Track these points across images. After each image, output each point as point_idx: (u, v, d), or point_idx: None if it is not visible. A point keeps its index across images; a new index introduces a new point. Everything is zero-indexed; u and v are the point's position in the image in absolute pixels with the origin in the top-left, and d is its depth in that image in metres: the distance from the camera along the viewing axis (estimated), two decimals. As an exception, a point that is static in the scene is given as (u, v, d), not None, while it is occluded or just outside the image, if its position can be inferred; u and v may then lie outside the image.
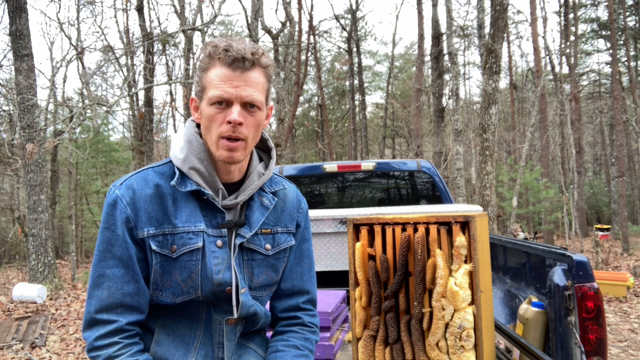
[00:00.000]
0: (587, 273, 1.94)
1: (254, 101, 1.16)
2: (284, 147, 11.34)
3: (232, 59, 1.13)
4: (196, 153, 1.21)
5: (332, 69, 27.20)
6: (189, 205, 1.20)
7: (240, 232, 1.23)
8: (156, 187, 1.19)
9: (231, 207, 1.24)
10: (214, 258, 1.19)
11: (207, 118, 1.17)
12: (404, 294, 1.58)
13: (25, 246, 10.49)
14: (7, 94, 12.91)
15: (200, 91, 1.19)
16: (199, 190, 1.20)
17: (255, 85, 1.16)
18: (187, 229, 1.18)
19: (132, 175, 1.23)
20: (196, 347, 1.21)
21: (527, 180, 13.90)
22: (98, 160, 16.55)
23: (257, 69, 1.17)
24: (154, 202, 1.18)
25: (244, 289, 1.23)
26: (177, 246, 1.17)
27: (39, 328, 6.05)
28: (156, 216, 1.17)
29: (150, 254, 1.17)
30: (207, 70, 1.17)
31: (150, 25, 16.46)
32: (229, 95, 1.14)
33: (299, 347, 1.30)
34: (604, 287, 7.20)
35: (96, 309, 1.14)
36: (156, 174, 1.22)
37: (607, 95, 21.23)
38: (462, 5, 48.21)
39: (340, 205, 4.08)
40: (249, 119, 1.17)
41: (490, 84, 7.31)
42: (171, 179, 1.21)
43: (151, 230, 1.17)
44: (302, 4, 16.61)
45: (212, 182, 1.22)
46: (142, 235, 1.16)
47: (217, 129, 1.16)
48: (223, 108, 1.15)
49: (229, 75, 1.14)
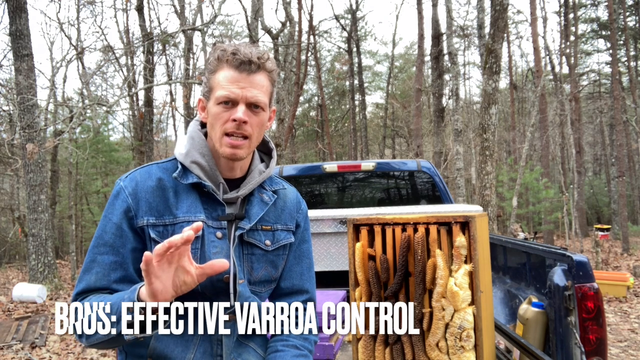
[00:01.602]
0: (587, 273, 1.94)
1: (258, 102, 1.22)
2: (284, 147, 11.34)
3: (240, 61, 1.20)
4: (198, 148, 1.28)
5: (332, 69, 27.20)
6: (190, 197, 1.25)
7: (239, 225, 1.28)
8: (159, 180, 1.25)
9: (232, 202, 1.29)
10: (213, 247, 1.23)
11: (213, 116, 1.23)
12: (404, 294, 1.58)
13: (25, 246, 10.49)
14: (7, 94, 12.90)
15: (208, 92, 1.26)
16: (199, 183, 1.25)
17: (260, 87, 1.23)
18: (187, 218, 1.22)
19: (137, 169, 1.29)
20: (195, 343, 1.22)
21: (527, 180, 13.90)
22: (98, 160, 16.54)
23: (263, 72, 1.24)
24: (156, 194, 1.23)
25: (242, 280, 1.25)
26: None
27: (39, 328, 6.05)
28: (157, 207, 1.22)
29: (149, 243, 1.21)
30: (215, 72, 1.23)
31: (150, 25, 16.47)
32: (235, 95, 1.20)
33: (299, 347, 1.31)
34: (604, 287, 7.20)
35: (81, 290, 1.18)
36: (160, 169, 1.28)
37: (607, 95, 21.23)
38: (462, 5, 48.22)
39: (340, 205, 4.08)
40: (253, 119, 1.23)
41: (490, 84, 7.31)
42: (173, 173, 1.26)
43: (151, 219, 1.21)
44: (302, 4, 16.62)
45: (214, 176, 1.27)
46: (142, 223, 1.21)
47: (222, 126, 1.22)
48: (229, 107, 1.21)
49: (236, 77, 1.21)
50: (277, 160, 1.66)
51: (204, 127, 1.33)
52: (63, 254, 17.43)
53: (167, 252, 0.97)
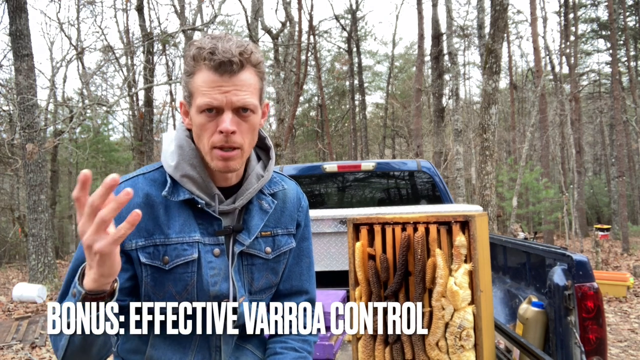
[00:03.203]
0: (587, 273, 1.94)
1: (246, 105, 1.07)
2: (284, 147, 11.34)
3: (219, 62, 1.04)
4: (188, 159, 1.14)
5: (332, 69, 27.20)
6: (182, 215, 1.13)
7: (238, 239, 1.18)
8: (146, 196, 1.12)
9: (228, 212, 1.18)
10: (210, 269, 1.14)
11: (198, 127, 1.09)
12: (404, 294, 1.58)
13: (25, 246, 10.50)
14: (7, 94, 12.91)
15: (188, 96, 1.11)
16: (192, 199, 1.13)
17: (246, 87, 1.07)
18: (181, 239, 1.12)
19: (121, 183, 1.11)
20: (193, 350, 1.18)
21: (527, 180, 13.90)
22: (98, 160, 16.54)
23: (248, 69, 1.08)
24: (143, 212, 1.07)
25: (243, 298, 1.19)
26: (170, 257, 1.11)
27: (39, 328, 6.05)
28: (146, 227, 1.10)
29: (139, 268, 1.11)
30: (193, 75, 1.08)
31: (150, 25, 16.47)
32: (218, 102, 1.05)
33: (297, 350, 1.28)
34: (604, 287, 7.20)
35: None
36: (147, 181, 1.14)
37: (607, 95, 21.23)
38: (462, 5, 48.16)
39: (340, 205, 4.08)
40: (242, 125, 1.08)
41: (490, 84, 7.31)
42: (162, 187, 1.13)
43: (140, 242, 1.10)
44: (302, 4, 16.62)
45: (207, 188, 1.15)
46: (130, 247, 1.09)
47: (210, 139, 1.08)
48: (213, 116, 1.06)
49: (217, 81, 1.05)
50: (276, 160, 1.60)
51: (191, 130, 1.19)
52: (63, 254, 17.42)
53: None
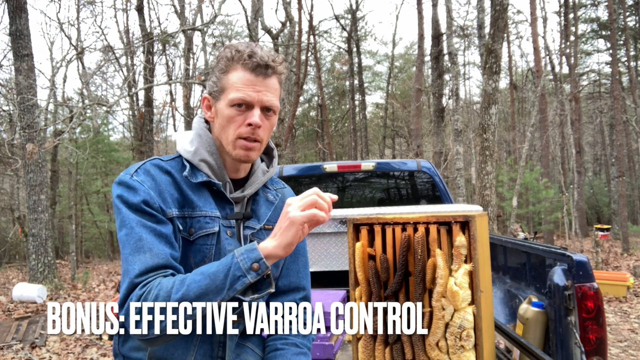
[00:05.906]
0: (587, 273, 1.94)
1: (272, 106, 1.22)
2: (284, 147, 11.34)
3: (256, 64, 1.19)
4: (206, 146, 1.26)
5: (332, 69, 27.19)
6: (203, 194, 1.24)
7: (248, 225, 1.28)
8: (170, 174, 1.22)
9: (238, 201, 1.30)
10: (228, 244, 1.22)
11: (226, 118, 1.21)
12: (404, 294, 1.58)
13: (25, 246, 10.49)
14: (7, 94, 12.90)
15: (218, 91, 1.23)
16: (209, 182, 1.24)
17: (273, 91, 1.23)
18: (205, 213, 1.21)
19: (143, 163, 1.23)
20: (195, 344, 1.20)
21: (527, 180, 13.89)
22: (98, 160, 16.53)
23: (276, 75, 1.23)
24: (173, 187, 1.21)
25: None
26: (195, 229, 1.20)
27: (39, 328, 6.05)
28: (177, 199, 1.20)
29: (177, 235, 1.18)
30: (227, 73, 1.21)
31: (150, 25, 16.47)
32: (251, 98, 1.19)
33: (298, 345, 1.31)
34: (604, 287, 7.20)
35: (141, 272, 1.08)
36: (167, 165, 1.25)
37: (607, 95, 21.22)
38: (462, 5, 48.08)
39: (340, 205, 4.07)
40: (265, 123, 1.23)
41: (490, 84, 7.31)
42: (182, 172, 1.23)
43: (175, 211, 1.19)
44: (302, 4, 16.62)
45: (221, 174, 1.27)
46: (171, 214, 1.17)
47: (236, 130, 1.21)
48: (243, 110, 1.20)
49: (252, 80, 1.19)
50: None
51: (206, 122, 1.31)
52: (63, 254, 17.41)
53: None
